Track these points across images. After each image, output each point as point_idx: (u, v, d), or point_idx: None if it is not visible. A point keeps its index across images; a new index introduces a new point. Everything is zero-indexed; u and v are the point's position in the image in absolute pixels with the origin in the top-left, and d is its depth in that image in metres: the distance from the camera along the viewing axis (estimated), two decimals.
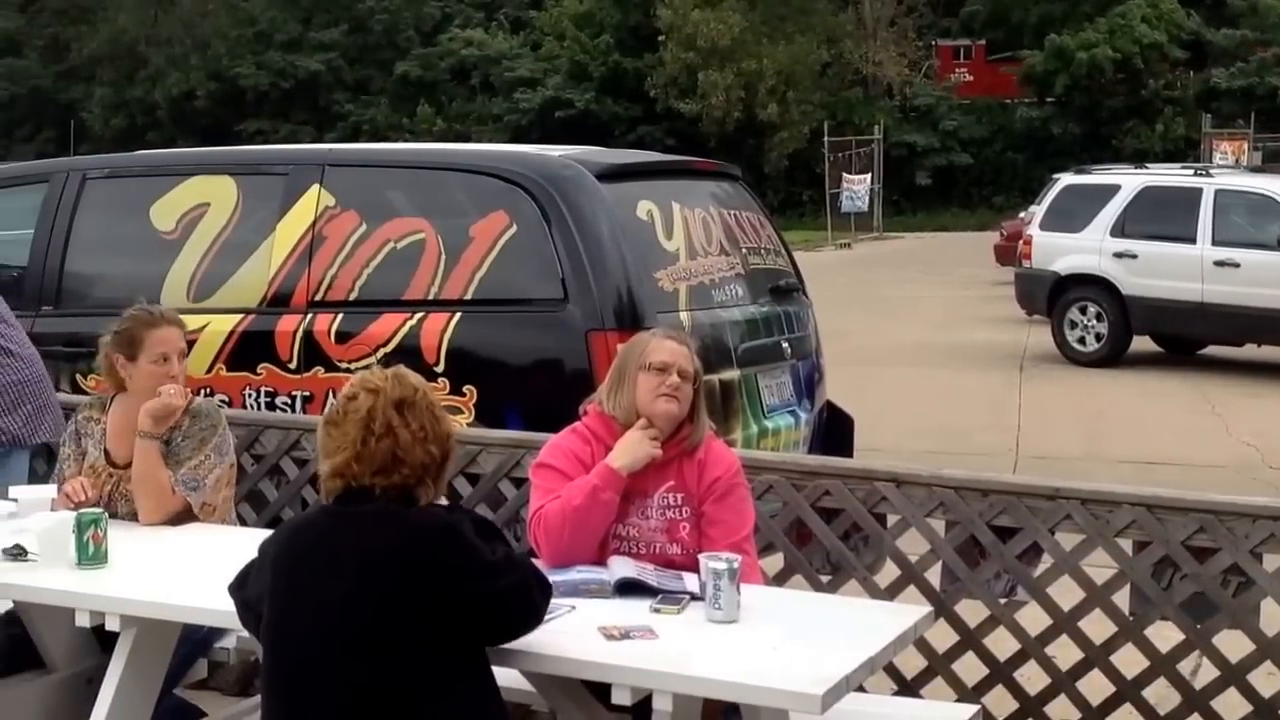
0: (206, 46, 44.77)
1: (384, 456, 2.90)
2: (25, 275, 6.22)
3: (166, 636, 3.47)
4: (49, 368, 5.94)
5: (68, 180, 6.17)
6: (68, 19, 46.67)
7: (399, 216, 5.60)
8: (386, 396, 2.94)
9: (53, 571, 3.46)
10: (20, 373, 4.96)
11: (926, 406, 11.47)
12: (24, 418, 4.91)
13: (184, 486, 4.02)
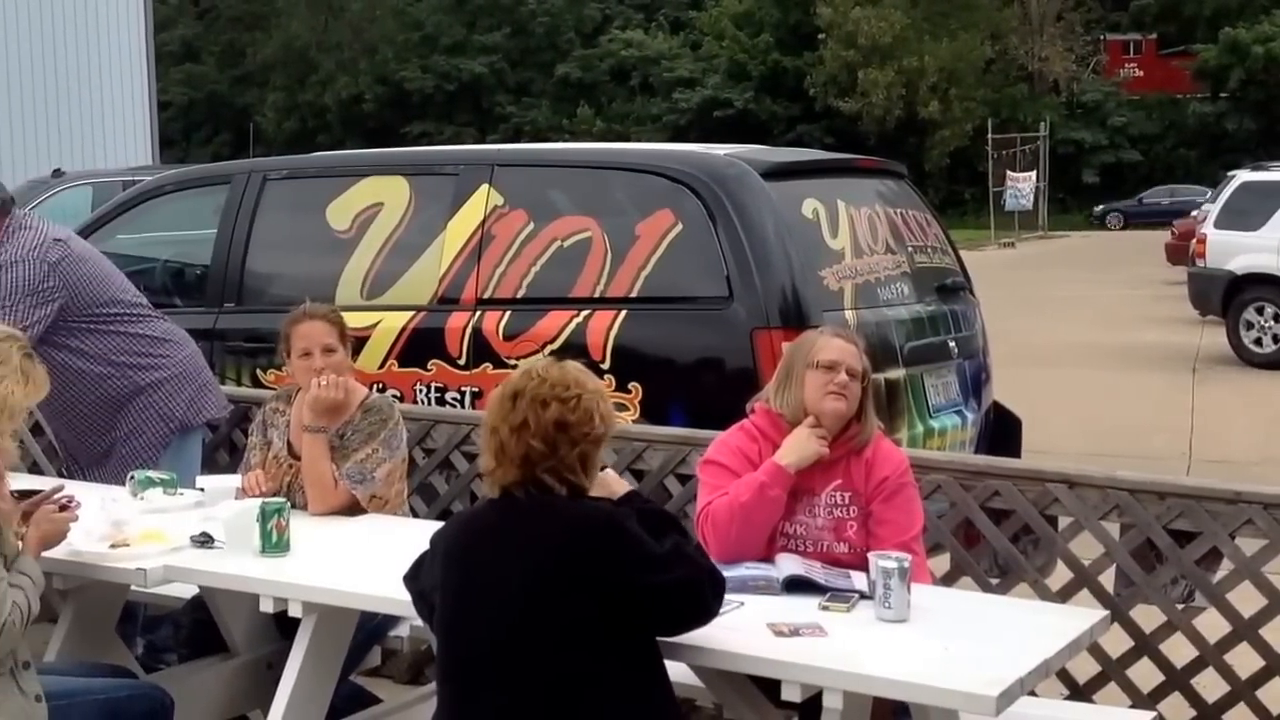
0: (374, 51, 45.78)
1: (530, 450, 2.93)
2: (208, 273, 6.44)
3: (345, 624, 3.57)
4: (230, 362, 6.18)
5: (249, 181, 6.36)
6: (243, 26, 48.14)
7: (566, 215, 5.67)
8: (533, 391, 2.98)
9: (238, 559, 3.57)
10: (178, 361, 5.14)
11: (1095, 408, 11.21)
12: (187, 401, 5.10)
13: (349, 479, 4.12)
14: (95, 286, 4.95)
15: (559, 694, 2.84)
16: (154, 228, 7.15)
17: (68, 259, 4.91)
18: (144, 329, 5.07)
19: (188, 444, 5.12)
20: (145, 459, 4.81)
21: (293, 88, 46.63)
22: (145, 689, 3.61)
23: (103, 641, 3.96)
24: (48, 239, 4.94)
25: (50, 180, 13.81)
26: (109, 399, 4.96)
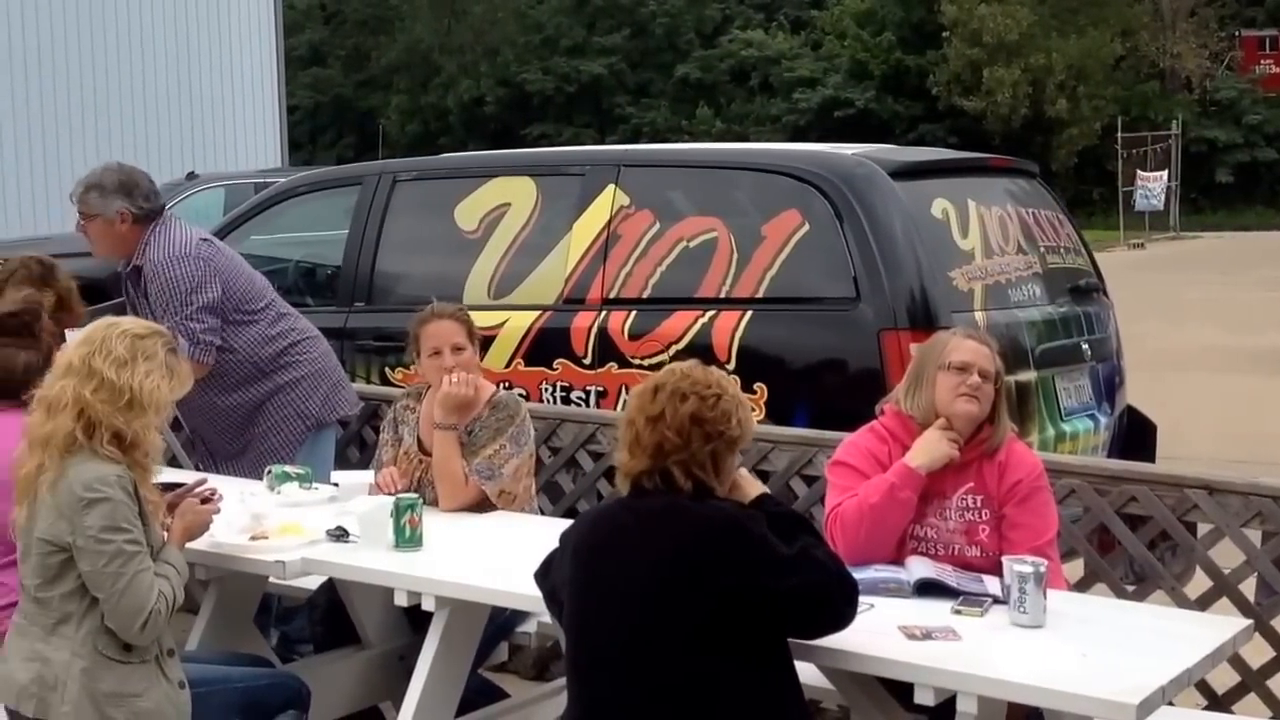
0: (496, 53, 46.17)
1: (664, 439, 2.94)
2: (339, 273, 6.56)
3: (476, 618, 3.62)
4: (359, 360, 6.28)
5: (379, 183, 6.47)
6: (368, 30, 48.86)
7: (692, 215, 5.67)
8: (674, 385, 2.99)
9: (372, 553, 3.64)
10: (314, 359, 5.24)
11: (1232, 413, 10.93)
12: (322, 398, 5.21)
13: (478, 475, 4.17)
14: (239, 285, 5.08)
15: (687, 693, 2.85)
16: (287, 228, 7.31)
17: (217, 257, 5.05)
18: (282, 327, 5.19)
19: (321, 440, 5.22)
20: (282, 455, 4.92)
21: (415, 90, 47.19)
22: (284, 678, 3.69)
23: (241, 631, 4.05)
24: (196, 237, 5.09)
25: (185, 182, 14.17)
26: (248, 396, 5.08)
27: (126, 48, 19.27)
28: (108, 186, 4.96)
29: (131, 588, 3.22)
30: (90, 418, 3.30)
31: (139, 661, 3.29)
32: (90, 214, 5.00)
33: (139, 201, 4.98)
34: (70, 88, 18.44)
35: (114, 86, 19.03)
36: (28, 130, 17.76)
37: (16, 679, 3.31)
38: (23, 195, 17.11)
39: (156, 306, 4.97)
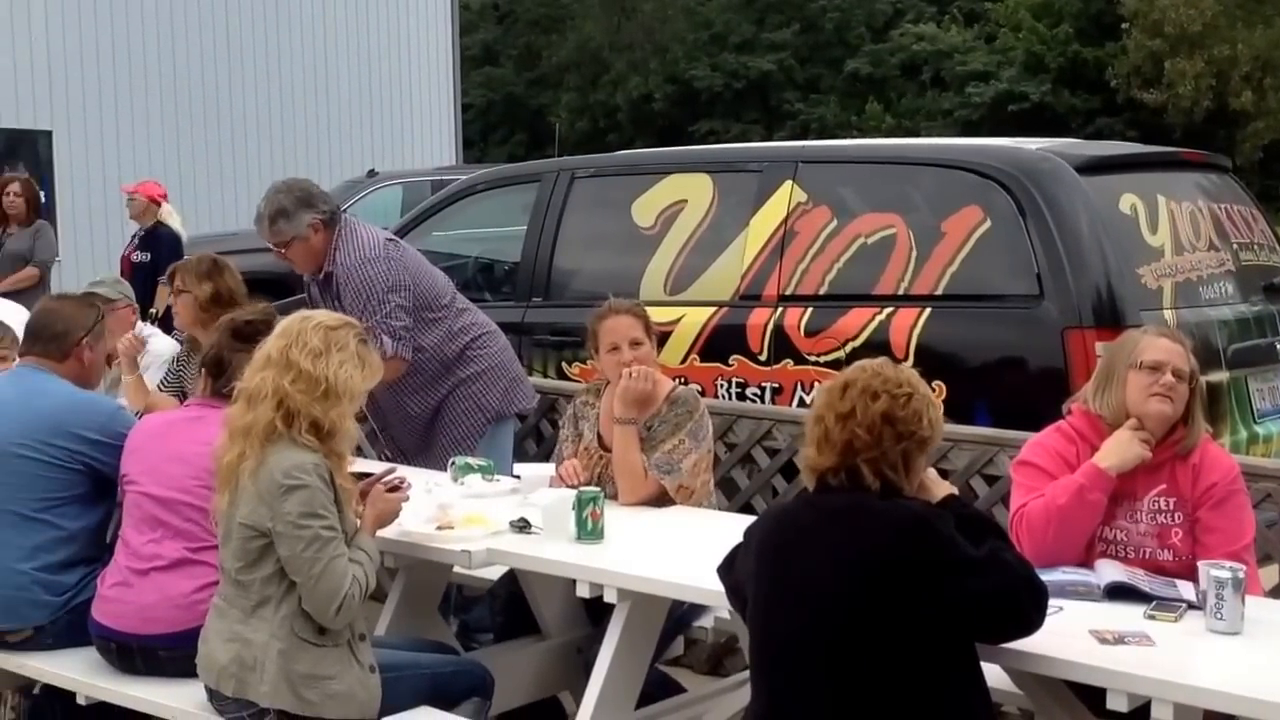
0: (665, 50, 46.31)
1: (854, 437, 2.92)
2: (518, 268, 6.67)
3: (657, 611, 3.64)
4: (536, 355, 6.38)
5: (557, 180, 6.55)
6: (539, 29, 49.44)
7: (870, 212, 5.63)
8: (865, 382, 2.97)
9: (555, 544, 3.69)
10: (494, 354, 5.31)
11: None
12: (501, 392, 5.27)
13: (658, 470, 4.19)
14: (424, 284, 5.15)
15: (870, 692, 2.83)
16: (467, 225, 7.45)
17: (405, 256, 5.13)
18: (464, 323, 5.26)
19: (500, 433, 5.30)
20: (462, 448, 5.01)
21: (585, 88, 47.59)
22: (469, 665, 3.77)
23: (427, 619, 4.15)
24: (383, 238, 5.17)
25: (365, 180, 14.52)
26: (432, 390, 5.17)
27: (310, 50, 19.82)
28: (289, 207, 4.99)
29: (327, 572, 3.33)
30: (289, 407, 3.41)
31: (332, 645, 3.39)
32: (285, 240, 5.01)
33: (321, 207, 5.03)
34: (258, 91, 19.03)
35: (298, 89, 19.59)
36: (217, 133, 18.39)
37: (217, 659, 3.44)
38: (212, 195, 17.71)
39: (351, 309, 4.91)
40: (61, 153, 16.58)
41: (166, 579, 3.78)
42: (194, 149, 17.94)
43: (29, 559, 4.01)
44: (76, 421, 4.07)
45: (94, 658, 3.94)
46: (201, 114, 18.18)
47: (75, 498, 4.07)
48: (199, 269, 5.19)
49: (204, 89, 18.24)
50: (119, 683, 3.84)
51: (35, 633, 4.05)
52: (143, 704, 3.76)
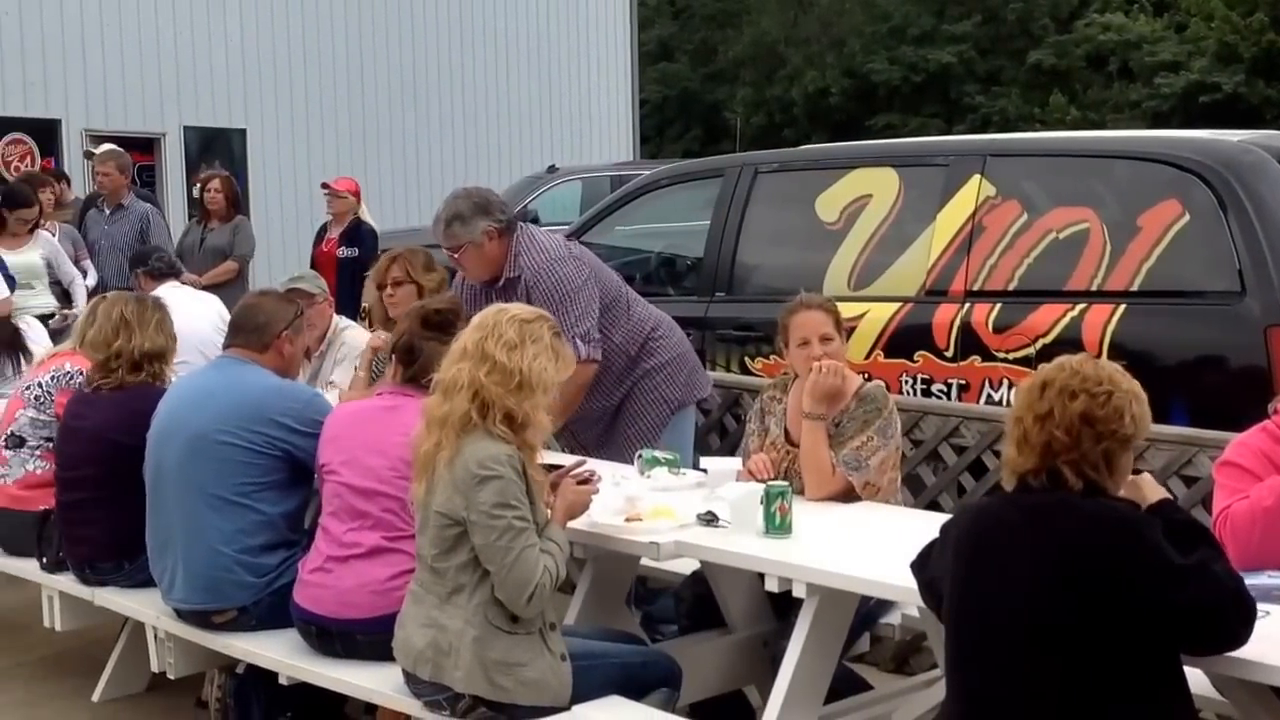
0: (842, 44, 45.93)
1: (1052, 439, 2.86)
2: (700, 264, 6.69)
3: (845, 607, 3.62)
4: (720, 350, 6.40)
5: (740, 175, 6.56)
6: (715, 24, 49.45)
7: (1062, 206, 5.52)
8: (1063, 382, 2.90)
9: (743, 538, 3.70)
10: (672, 345, 5.32)
11: None
12: (683, 381, 5.30)
13: (845, 466, 4.17)
14: (605, 282, 5.19)
15: (1067, 694, 2.78)
16: (649, 220, 7.50)
17: (586, 256, 5.19)
18: (639, 316, 5.29)
19: (683, 421, 5.32)
20: (647, 440, 5.04)
21: (761, 83, 47.44)
22: (658, 656, 3.80)
23: (614, 610, 4.19)
24: (562, 240, 5.24)
25: (545, 176, 14.72)
26: (616, 387, 5.22)
27: (491, 49, 20.16)
28: (466, 213, 5.04)
29: (519, 562, 3.39)
30: (484, 399, 3.48)
31: (524, 633, 3.46)
32: (458, 245, 5.07)
33: (497, 215, 5.06)
34: (440, 89, 19.43)
35: (480, 87, 19.95)
36: (401, 131, 18.82)
37: (414, 644, 3.53)
38: (396, 191, 18.14)
39: (540, 301, 5.02)
40: (255, 150, 17.16)
41: (364, 566, 3.90)
42: (379, 147, 18.41)
43: (230, 542, 4.17)
44: (275, 408, 4.22)
45: (295, 640, 4.08)
46: (387, 113, 18.64)
47: (274, 483, 4.23)
48: (424, 260, 5.34)
49: (389, 89, 18.70)
50: (319, 664, 3.97)
51: (239, 614, 4.22)
52: (342, 685, 3.89)
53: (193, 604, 4.24)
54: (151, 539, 4.36)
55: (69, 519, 4.74)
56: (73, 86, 15.12)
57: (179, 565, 4.23)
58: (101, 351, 4.69)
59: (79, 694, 4.98)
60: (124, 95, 15.70)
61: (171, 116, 16.23)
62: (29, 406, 5.22)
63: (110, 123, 15.42)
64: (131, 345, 4.68)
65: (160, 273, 6.70)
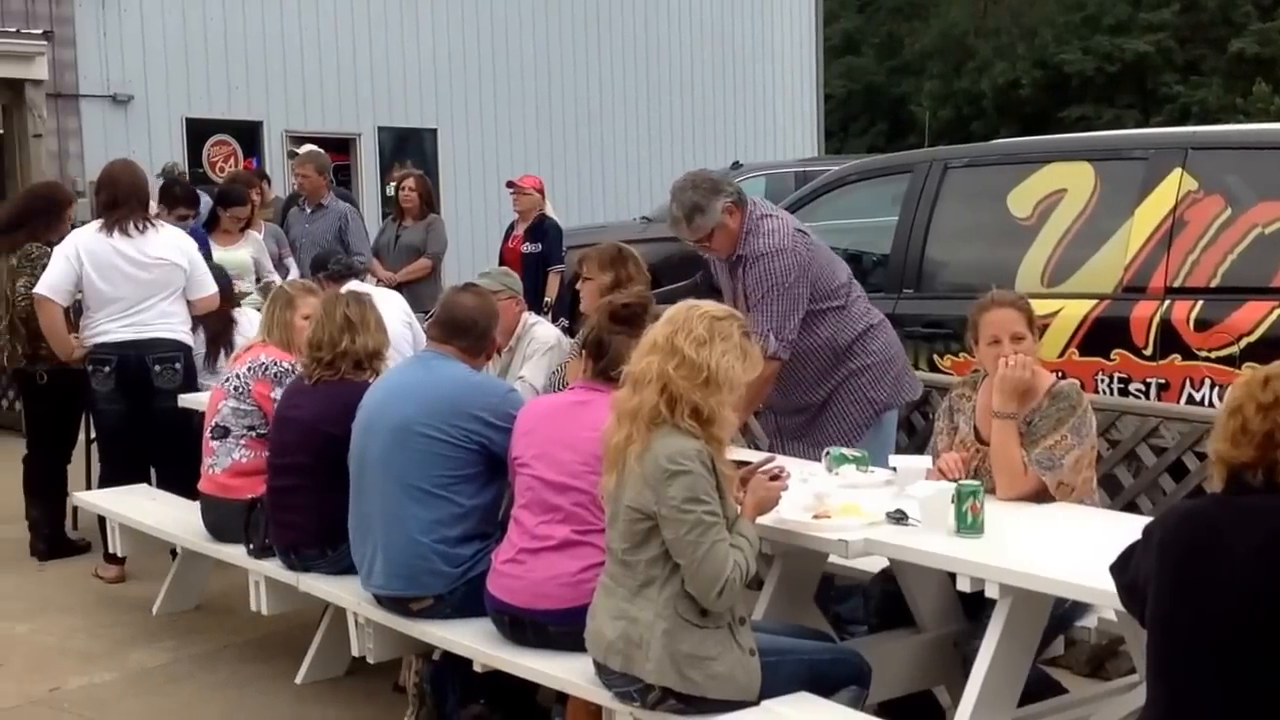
0: (1033, 34, 44.95)
1: (1276, 428, 2.76)
2: (888, 260, 6.63)
3: (1040, 608, 3.56)
4: (908, 347, 6.32)
5: (930, 170, 6.48)
6: (901, 16, 48.87)
7: (1267, 200, 5.33)
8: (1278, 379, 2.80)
9: (933, 537, 3.66)
10: (883, 346, 5.24)
11: None
12: (890, 384, 5.21)
13: (1038, 465, 4.08)
14: (825, 274, 5.12)
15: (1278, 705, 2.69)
16: (837, 215, 7.46)
17: (810, 249, 5.08)
18: (857, 312, 5.19)
19: (885, 424, 5.25)
20: (849, 440, 4.96)
21: (949, 75, 46.69)
22: (848, 654, 3.79)
23: (802, 606, 4.18)
24: (793, 228, 5.12)
25: (729, 172, 14.72)
26: (822, 382, 5.16)
27: (676, 45, 20.26)
28: (701, 200, 5.04)
29: (710, 556, 3.41)
30: (672, 393, 3.51)
31: (714, 627, 3.48)
32: (707, 233, 5.08)
33: (727, 190, 5.07)
34: (625, 87, 19.61)
35: (664, 84, 20.07)
36: (587, 130, 19.05)
37: (604, 635, 3.58)
38: (581, 188, 18.38)
39: (752, 296, 5.03)
40: (445, 149, 17.55)
41: (555, 558, 3.97)
42: (565, 146, 18.66)
43: (428, 532, 4.29)
44: (473, 402, 4.33)
45: (488, 628, 4.18)
46: (573, 111, 18.88)
47: (471, 476, 4.33)
48: (602, 258, 5.40)
49: (575, 88, 18.93)
50: (512, 653, 4.05)
51: (435, 602, 4.34)
52: (535, 674, 3.97)
53: (391, 590, 4.38)
54: (353, 526, 4.51)
55: (277, 504, 4.93)
56: (274, 90, 15.68)
57: (378, 553, 4.37)
58: (327, 351, 4.87)
59: (283, 676, 5.16)
60: (321, 97, 16.21)
61: (366, 117, 16.70)
62: (229, 397, 5.45)
63: (309, 124, 15.94)
64: (356, 345, 4.87)
65: (340, 275, 6.92)
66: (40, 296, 6.40)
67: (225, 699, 5.04)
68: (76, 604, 6.19)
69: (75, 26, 13.78)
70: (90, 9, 14.06)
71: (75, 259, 6.40)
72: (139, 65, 14.50)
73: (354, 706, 4.90)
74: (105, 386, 6.48)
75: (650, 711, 3.53)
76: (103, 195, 6.56)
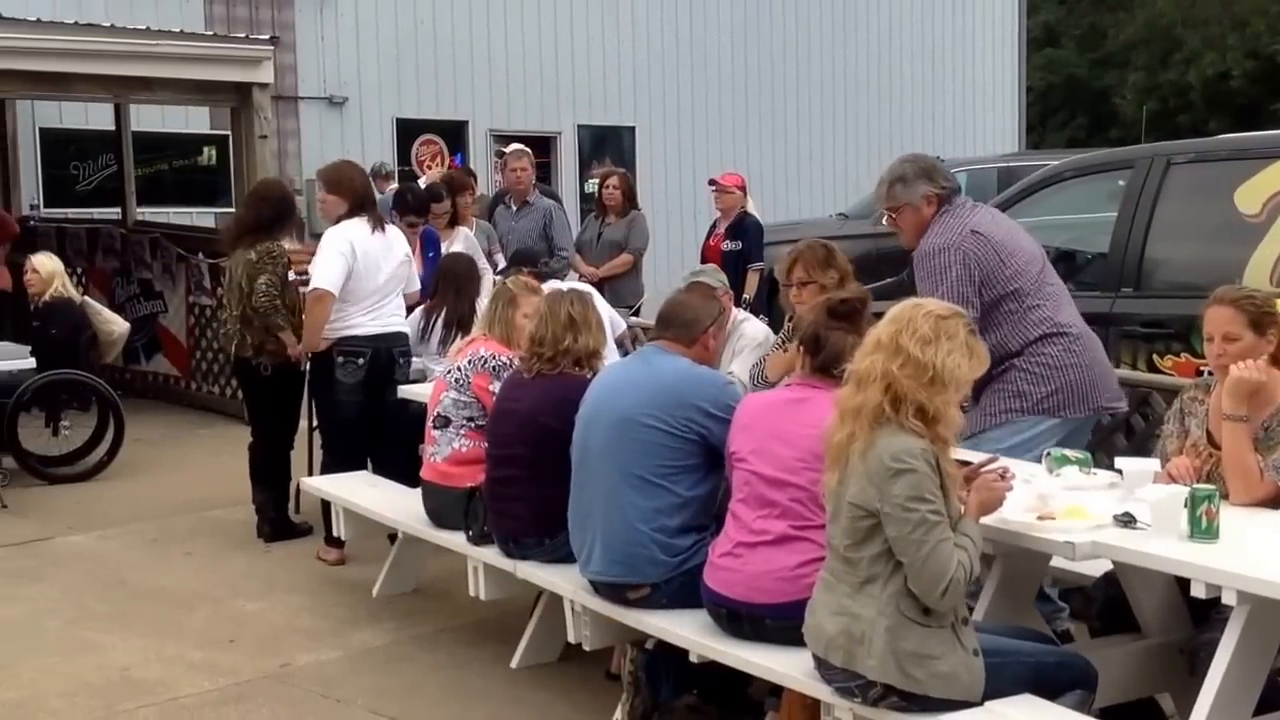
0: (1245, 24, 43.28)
1: None
2: (1105, 258, 6.48)
3: (1278, 616, 3.46)
4: (1126, 347, 6.18)
5: (1151, 166, 6.32)
6: (1105, 7, 47.55)
7: None
8: None
9: (1164, 541, 3.58)
10: (1064, 357, 4.94)
11: None
12: (1057, 390, 4.89)
13: (1275, 471, 3.96)
14: (999, 279, 4.89)
15: None
16: (1051, 212, 7.33)
17: (981, 250, 4.88)
18: (1035, 319, 4.92)
19: (1031, 426, 4.91)
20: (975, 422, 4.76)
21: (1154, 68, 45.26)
22: (1073, 658, 3.73)
23: (1023, 608, 4.13)
24: (968, 229, 4.95)
25: None
26: None
27: (874, 42, 20.09)
28: (909, 175, 5.05)
29: (934, 555, 3.40)
30: (897, 392, 3.51)
31: (937, 626, 3.47)
32: (897, 206, 5.08)
33: (940, 182, 5.04)
34: (823, 85, 19.53)
35: (862, 81, 19.94)
36: (784, 128, 19.03)
37: (825, 630, 3.60)
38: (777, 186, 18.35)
39: (917, 289, 4.90)
40: (643, 147, 17.71)
41: (772, 553, 4.00)
42: (760, 142, 18.67)
43: (648, 520, 4.37)
44: (693, 393, 4.40)
45: (704, 620, 4.23)
46: (769, 108, 18.88)
47: (690, 467, 4.39)
48: (816, 257, 5.42)
49: (773, 87, 18.93)
50: (729, 645, 4.09)
51: (651, 591, 4.41)
52: (753, 667, 4.00)
53: (608, 576, 4.47)
54: (573, 513, 4.62)
55: (497, 494, 5.07)
56: (479, 90, 16.03)
57: (598, 539, 4.47)
58: (549, 348, 5.00)
59: (498, 660, 5.30)
60: (524, 97, 16.52)
61: (566, 116, 16.96)
62: (450, 389, 5.62)
63: (511, 123, 16.26)
64: (578, 344, 4.99)
65: (544, 276, 7.09)
66: (323, 291, 6.63)
67: (446, 679, 5.20)
68: (301, 584, 6.45)
69: (296, 32, 14.32)
70: (309, 15, 14.59)
71: (350, 254, 6.68)
72: (353, 69, 14.99)
73: (569, 692, 5.01)
74: (354, 378, 6.72)
75: (871, 708, 3.54)
76: (349, 197, 6.82)
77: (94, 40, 9.74)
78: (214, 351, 10.94)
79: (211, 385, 11.05)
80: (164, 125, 13.78)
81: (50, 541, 7.30)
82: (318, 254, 6.76)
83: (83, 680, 5.23)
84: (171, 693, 5.10)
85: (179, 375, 11.37)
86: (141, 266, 11.56)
